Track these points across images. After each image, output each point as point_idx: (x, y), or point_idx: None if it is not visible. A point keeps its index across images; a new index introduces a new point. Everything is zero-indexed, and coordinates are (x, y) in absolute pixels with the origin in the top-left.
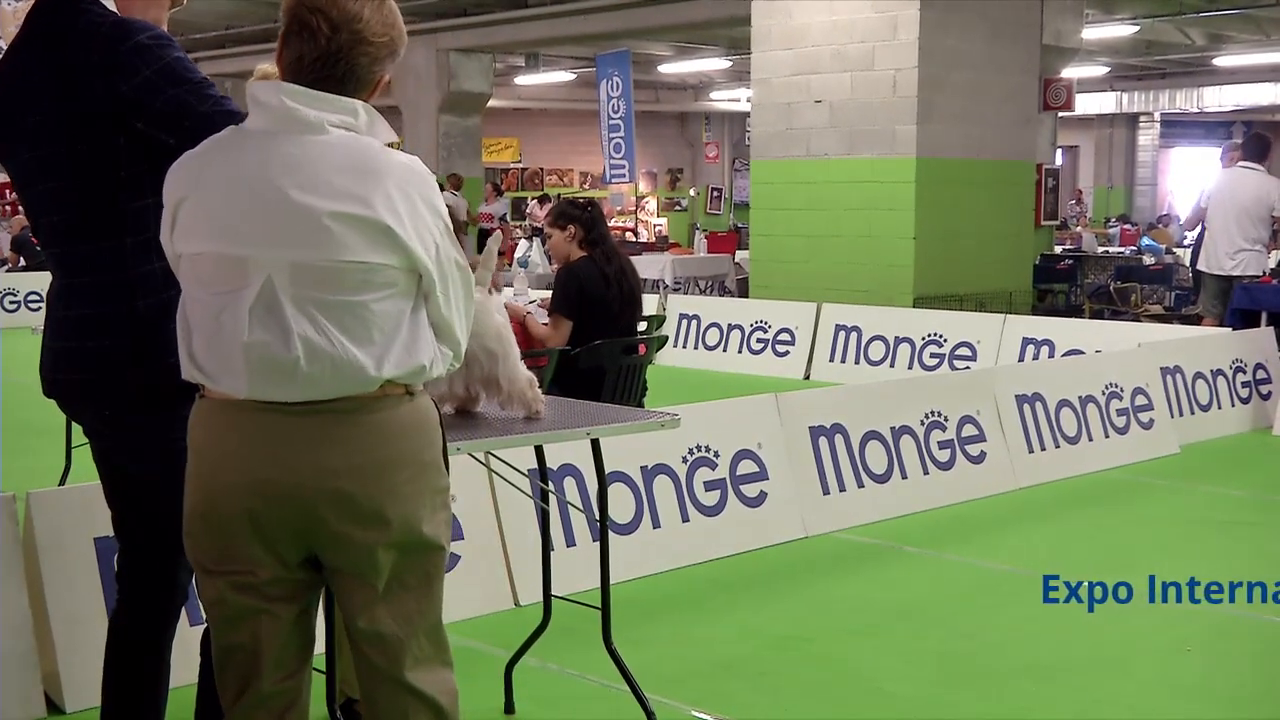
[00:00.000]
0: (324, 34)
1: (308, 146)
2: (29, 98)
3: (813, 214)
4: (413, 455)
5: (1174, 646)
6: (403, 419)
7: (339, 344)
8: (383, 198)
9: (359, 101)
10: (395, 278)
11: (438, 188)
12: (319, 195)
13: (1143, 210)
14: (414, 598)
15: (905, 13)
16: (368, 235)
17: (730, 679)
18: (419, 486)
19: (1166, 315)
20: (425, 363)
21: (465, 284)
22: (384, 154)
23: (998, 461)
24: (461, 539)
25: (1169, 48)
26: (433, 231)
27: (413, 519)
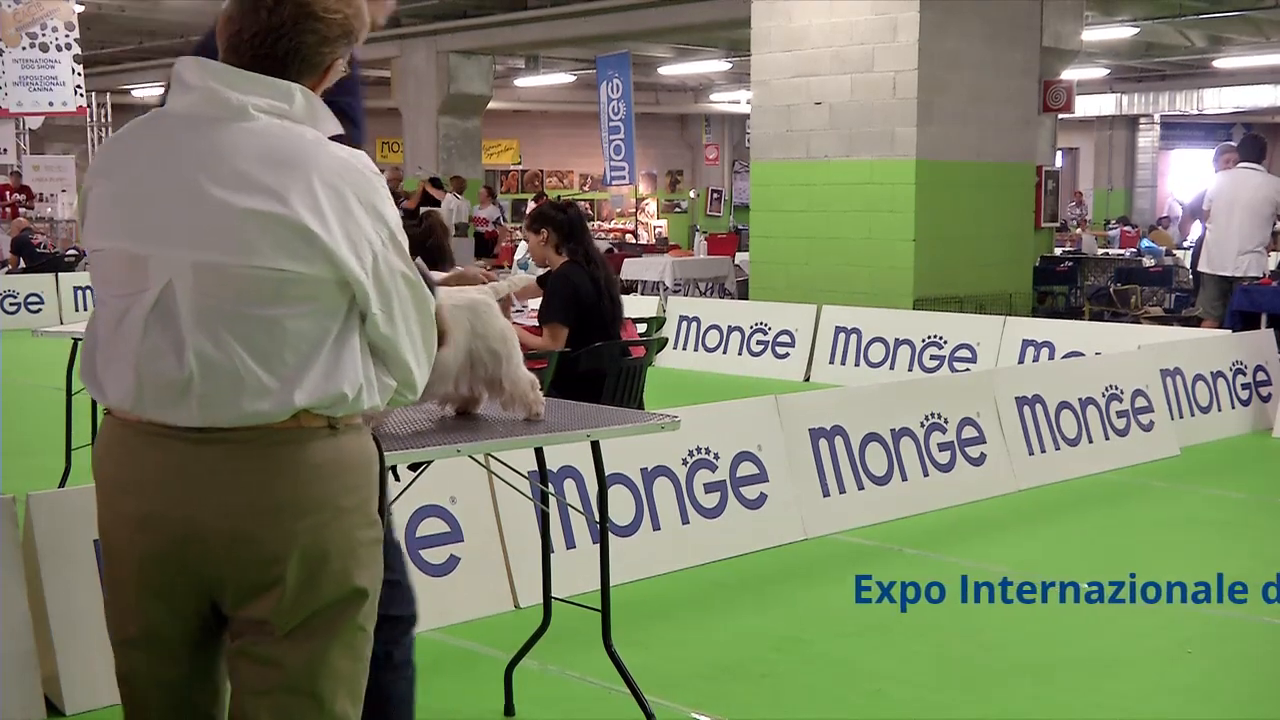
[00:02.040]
0: (267, 6)
1: (227, 134)
2: None
3: (813, 216)
4: (326, 499)
5: (1174, 648)
6: (317, 458)
7: (242, 363)
8: (304, 194)
9: (297, 86)
10: (316, 290)
11: (385, 190)
12: (232, 189)
13: (1143, 212)
14: (320, 658)
15: (905, 15)
16: (283, 238)
17: (730, 681)
18: (332, 534)
19: (1166, 317)
20: (347, 392)
21: (418, 302)
22: (315, 145)
23: (998, 463)
24: (461, 540)
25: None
26: (370, 239)
27: (321, 571)
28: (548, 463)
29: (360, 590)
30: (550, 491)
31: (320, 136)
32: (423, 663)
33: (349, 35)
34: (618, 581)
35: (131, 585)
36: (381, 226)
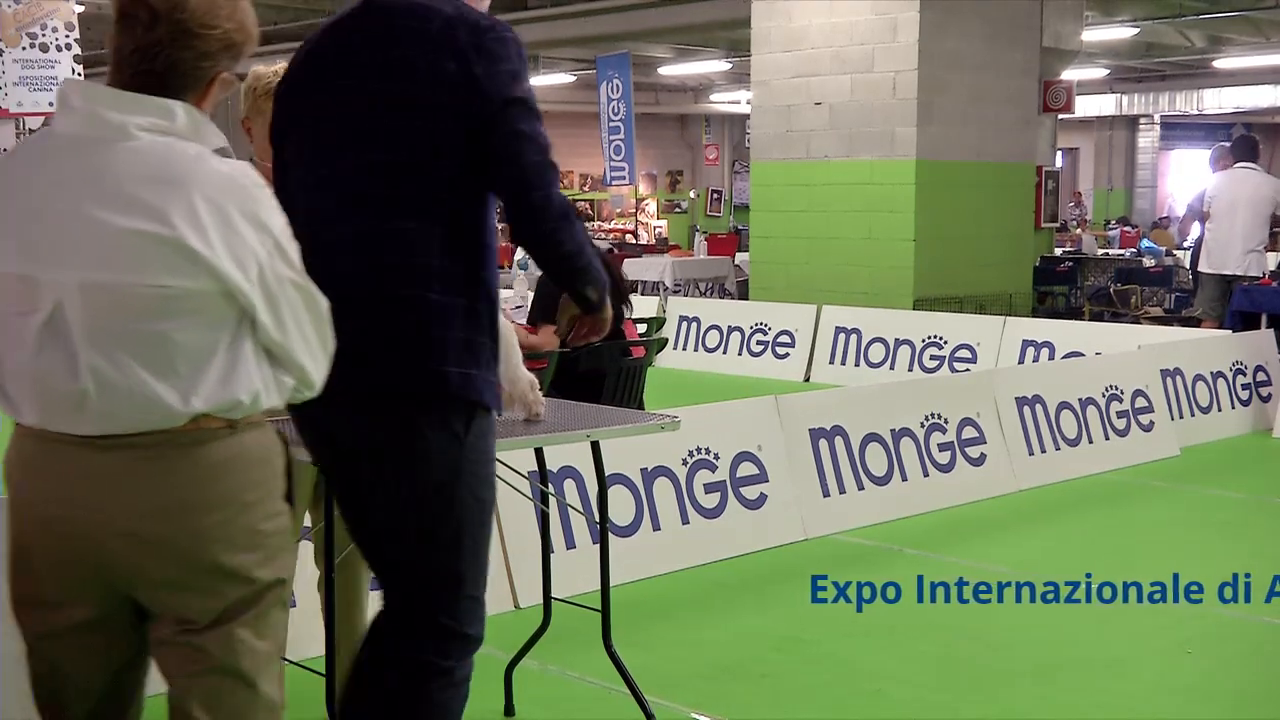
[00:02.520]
0: (143, 23)
1: (110, 154)
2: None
3: (813, 216)
4: (230, 495)
5: (1175, 648)
6: (218, 456)
7: (134, 377)
8: (184, 212)
9: (178, 103)
10: (201, 304)
11: (269, 200)
12: (114, 210)
13: (1143, 212)
14: (243, 644)
15: (905, 15)
16: (165, 256)
17: (730, 681)
18: (237, 528)
19: (1166, 317)
20: (243, 398)
21: (308, 303)
22: (195, 161)
23: (998, 464)
24: None
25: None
26: (255, 250)
27: (227, 564)
28: (548, 463)
29: (271, 581)
30: (550, 492)
31: (203, 152)
32: None
33: (230, 49)
34: (618, 581)
35: (49, 585)
36: (266, 236)
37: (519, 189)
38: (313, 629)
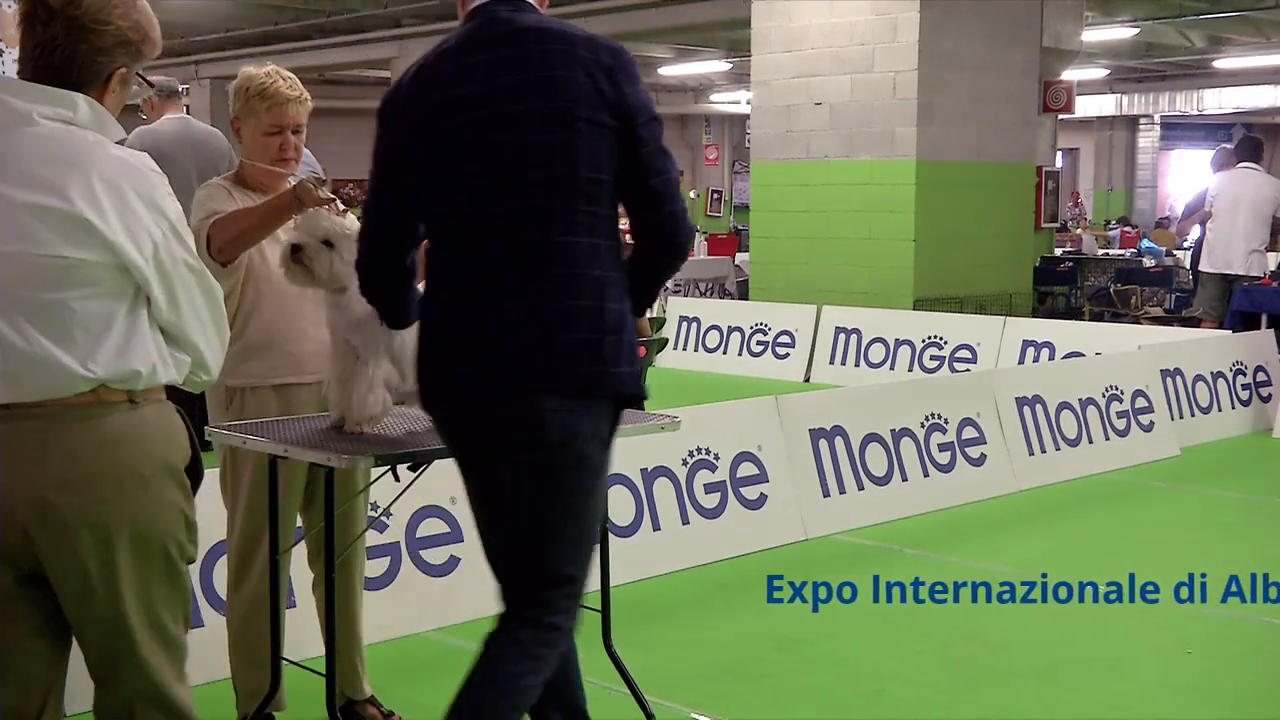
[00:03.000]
0: (41, 20)
1: (14, 137)
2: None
3: (813, 216)
4: (129, 468)
5: (1175, 648)
6: (118, 427)
7: (36, 342)
8: (83, 190)
9: (80, 95)
10: (99, 275)
11: (165, 187)
12: (16, 186)
13: (1143, 213)
14: (151, 604)
15: (905, 15)
16: (64, 229)
17: (731, 681)
18: (138, 501)
19: (1167, 317)
20: (140, 368)
21: (203, 287)
22: (94, 146)
23: (998, 464)
24: (462, 541)
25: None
26: (150, 230)
27: (131, 533)
28: None
29: (171, 548)
30: None
31: (102, 139)
32: (423, 662)
33: (126, 45)
34: (618, 581)
35: None
36: (161, 219)
37: (661, 201)
38: (312, 630)
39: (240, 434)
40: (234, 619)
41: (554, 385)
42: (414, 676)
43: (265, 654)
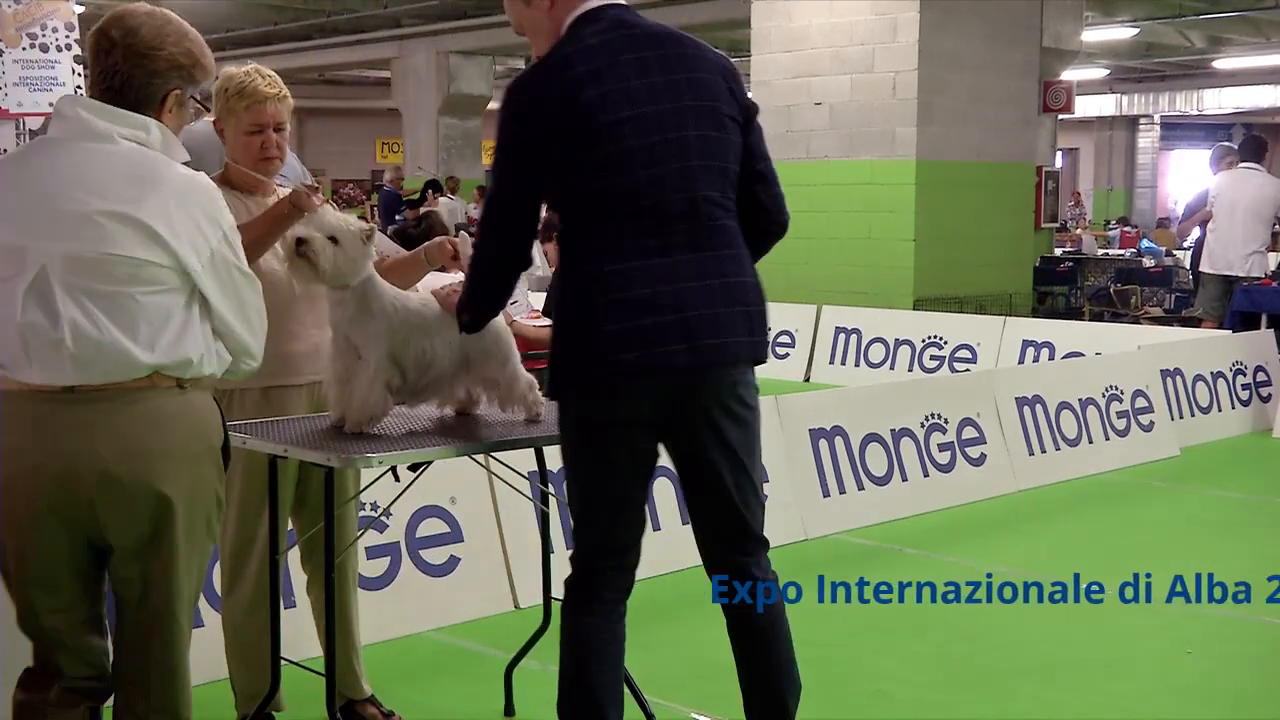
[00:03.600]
0: (104, 49)
1: (94, 154)
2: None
3: (813, 216)
4: (179, 445)
5: (1175, 648)
6: (170, 409)
7: (105, 329)
8: (156, 203)
9: (152, 120)
10: (164, 275)
11: (220, 202)
12: (96, 196)
13: (1143, 213)
14: (176, 577)
15: (905, 15)
16: (136, 234)
17: (730, 681)
18: (184, 475)
19: (1167, 317)
20: (192, 356)
21: (251, 288)
22: (168, 168)
23: (998, 464)
24: (462, 541)
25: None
26: (208, 239)
27: (176, 504)
28: (548, 463)
29: (204, 524)
30: (550, 492)
31: (171, 161)
32: (423, 662)
33: (179, 69)
34: None
35: (29, 530)
36: (216, 230)
37: (770, 182)
38: (310, 630)
39: (240, 434)
40: (230, 621)
41: (743, 354)
42: (414, 676)
43: (262, 655)
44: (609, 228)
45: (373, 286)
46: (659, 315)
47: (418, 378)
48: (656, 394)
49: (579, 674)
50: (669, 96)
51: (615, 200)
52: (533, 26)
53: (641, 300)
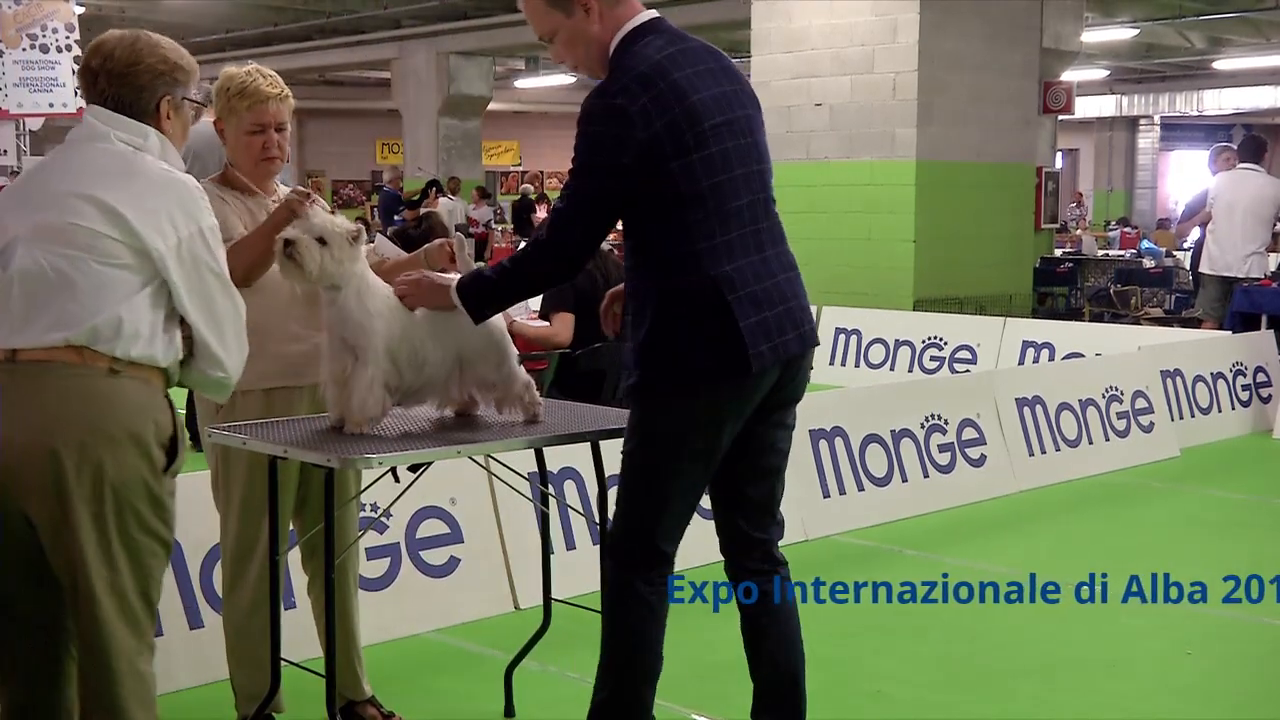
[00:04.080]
0: (89, 81)
1: (89, 151)
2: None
3: (813, 217)
4: (94, 426)
5: (1174, 649)
6: (92, 388)
7: (49, 279)
8: (126, 190)
9: (151, 129)
10: (119, 250)
11: (204, 203)
12: (76, 183)
13: (1143, 213)
14: (88, 564)
15: (905, 16)
16: (99, 210)
17: (730, 681)
18: (100, 458)
19: (1167, 318)
20: (125, 319)
21: (225, 294)
22: (151, 164)
23: (998, 464)
24: (462, 542)
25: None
26: (177, 227)
27: (95, 484)
28: (548, 464)
29: (128, 515)
30: (550, 493)
31: (160, 163)
32: (423, 663)
33: (160, 76)
34: None
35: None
36: (191, 223)
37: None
38: (310, 631)
39: (240, 435)
40: (231, 621)
41: (813, 343)
42: (414, 677)
43: (263, 655)
44: (713, 226)
45: (366, 286)
46: (774, 307)
47: (413, 378)
48: (772, 381)
49: (642, 637)
50: (738, 105)
51: (718, 199)
52: (571, 36)
53: (762, 294)
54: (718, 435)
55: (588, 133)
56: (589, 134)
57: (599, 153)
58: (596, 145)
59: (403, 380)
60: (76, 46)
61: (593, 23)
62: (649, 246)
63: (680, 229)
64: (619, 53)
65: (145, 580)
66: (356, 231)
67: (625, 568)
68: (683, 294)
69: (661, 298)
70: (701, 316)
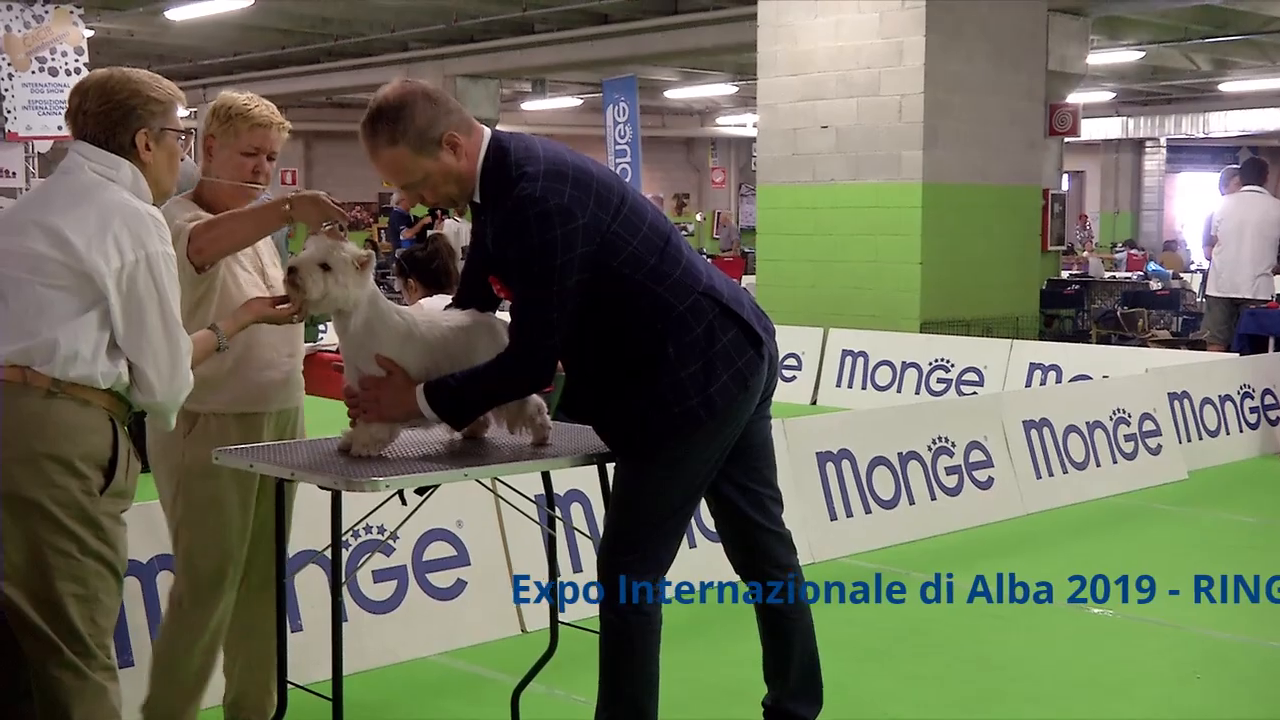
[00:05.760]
0: (74, 123)
1: (62, 182)
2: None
3: (819, 239)
4: (25, 444)
5: (1180, 672)
6: (29, 408)
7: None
8: (75, 217)
9: (125, 161)
10: (60, 272)
11: (161, 232)
12: (37, 210)
13: (1149, 235)
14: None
15: (911, 39)
16: (45, 235)
17: (736, 704)
18: (26, 473)
19: (1174, 340)
20: (61, 342)
21: (165, 324)
22: (111, 193)
23: (1005, 487)
24: (468, 564)
25: (1175, 73)
26: (123, 252)
27: (15, 501)
28: (554, 487)
29: (60, 535)
30: (557, 515)
31: (122, 192)
32: (429, 686)
33: (130, 113)
34: None
35: None
36: (139, 249)
37: None
38: (315, 655)
39: (246, 458)
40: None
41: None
42: (420, 700)
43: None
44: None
45: (376, 311)
46: (745, 308)
47: None
48: (766, 372)
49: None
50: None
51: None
52: (443, 176)
53: (735, 297)
54: (722, 449)
55: (540, 243)
56: (543, 243)
57: (556, 254)
58: (551, 249)
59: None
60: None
61: (460, 158)
62: (625, 307)
63: (649, 274)
64: (495, 170)
65: (89, 603)
66: (366, 258)
67: (638, 610)
68: (683, 318)
69: (654, 344)
70: (711, 331)
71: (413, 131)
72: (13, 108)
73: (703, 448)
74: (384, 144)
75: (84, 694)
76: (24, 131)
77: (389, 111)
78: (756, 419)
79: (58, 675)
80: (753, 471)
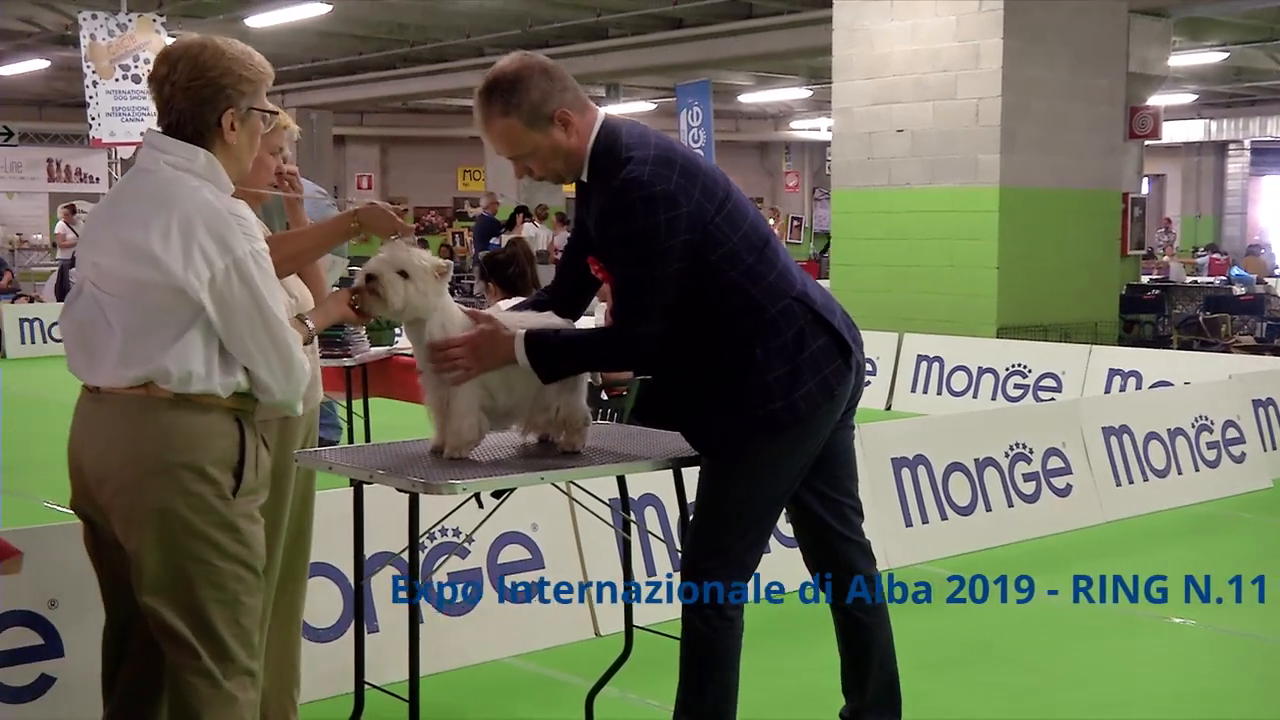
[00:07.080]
0: (157, 85)
1: (139, 179)
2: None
3: (894, 244)
4: (156, 453)
5: (1266, 686)
6: (156, 420)
7: (109, 331)
8: (160, 226)
9: (201, 150)
10: (160, 293)
11: (240, 227)
12: (119, 220)
13: (1232, 240)
14: (149, 580)
15: (988, 42)
16: (138, 254)
17: (813, 709)
18: (160, 482)
19: (1258, 346)
20: (173, 369)
21: (265, 321)
22: (191, 190)
23: (1084, 494)
24: (543, 567)
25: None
26: (212, 262)
27: (144, 507)
28: (630, 491)
29: (195, 540)
30: (632, 519)
31: (206, 186)
32: (504, 689)
33: (221, 91)
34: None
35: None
36: (226, 255)
37: None
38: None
39: (326, 460)
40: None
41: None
42: (494, 703)
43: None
44: (768, 262)
45: (449, 317)
46: (836, 315)
47: (505, 399)
48: (852, 383)
49: (734, 680)
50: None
51: (756, 240)
52: (551, 152)
53: (828, 305)
54: (819, 444)
55: (644, 225)
56: (646, 225)
57: (658, 239)
58: (654, 232)
59: (496, 403)
60: None
61: (571, 135)
62: (718, 304)
63: (745, 273)
64: (605, 151)
65: (231, 606)
66: (445, 267)
67: (725, 613)
68: (774, 321)
69: (743, 344)
70: (801, 336)
71: (526, 105)
72: (97, 114)
73: (786, 453)
74: (497, 114)
75: (214, 702)
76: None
77: (505, 83)
78: (840, 428)
79: (192, 681)
80: (834, 480)
